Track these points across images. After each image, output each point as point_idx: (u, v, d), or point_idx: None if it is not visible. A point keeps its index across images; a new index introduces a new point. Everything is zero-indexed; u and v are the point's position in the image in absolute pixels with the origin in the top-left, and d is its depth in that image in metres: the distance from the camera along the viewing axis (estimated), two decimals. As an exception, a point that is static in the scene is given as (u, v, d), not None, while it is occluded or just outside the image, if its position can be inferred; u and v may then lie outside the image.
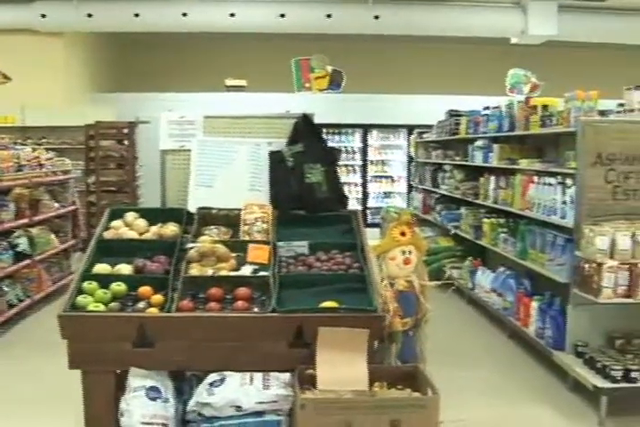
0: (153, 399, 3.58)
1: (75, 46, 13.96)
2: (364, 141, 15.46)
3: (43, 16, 12.34)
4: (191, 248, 4.15)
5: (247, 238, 4.36)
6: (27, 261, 8.05)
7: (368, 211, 15.19)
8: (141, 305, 3.78)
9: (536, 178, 6.67)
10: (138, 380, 3.65)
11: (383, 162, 15.79)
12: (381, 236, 4.21)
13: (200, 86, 13.99)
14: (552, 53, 14.81)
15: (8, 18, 12.45)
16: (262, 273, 4.02)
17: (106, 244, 4.33)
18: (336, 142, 15.00)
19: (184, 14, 12.43)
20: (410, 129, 14.29)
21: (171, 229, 4.45)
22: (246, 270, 4.07)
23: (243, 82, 14.11)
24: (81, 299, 3.79)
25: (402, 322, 3.98)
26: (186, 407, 3.62)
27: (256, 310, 3.74)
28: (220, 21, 12.66)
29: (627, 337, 5.62)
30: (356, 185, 15.46)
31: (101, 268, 4.06)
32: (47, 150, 10.01)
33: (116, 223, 4.52)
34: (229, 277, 4.00)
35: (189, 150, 4.95)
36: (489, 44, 14.83)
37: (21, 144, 10.80)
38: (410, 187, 14.29)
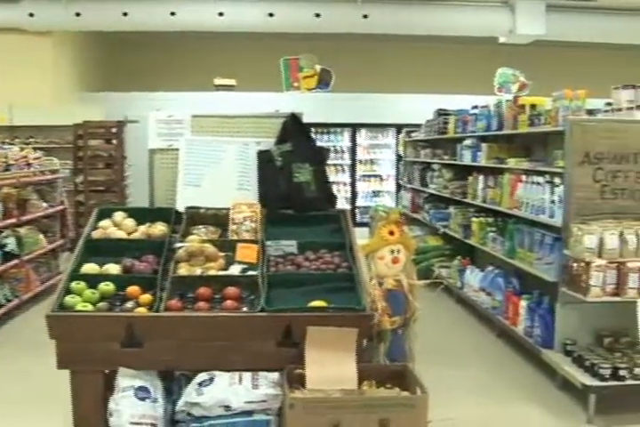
0: (142, 399, 3.58)
1: (63, 45, 13.91)
2: (353, 141, 15.47)
3: (31, 15, 12.28)
4: (179, 248, 4.14)
5: (236, 238, 4.36)
6: (15, 261, 8.02)
7: (357, 210, 15.23)
8: (130, 305, 3.78)
9: (524, 177, 6.68)
10: (126, 380, 3.65)
11: (372, 161, 15.81)
12: (370, 235, 4.22)
13: (189, 85, 13.97)
14: (540, 53, 14.86)
15: (-4, 17, 12.41)
16: (251, 272, 4.02)
17: (94, 243, 4.32)
18: (325, 142, 15.03)
19: (172, 13, 12.41)
20: (398, 128, 14.28)
21: (159, 228, 4.45)
22: (235, 270, 4.07)
23: (231, 81, 14.10)
24: (69, 299, 3.79)
25: (390, 321, 3.99)
26: (175, 407, 3.62)
27: (245, 310, 3.74)
28: (209, 20, 12.64)
29: (615, 335, 5.64)
30: (345, 184, 15.48)
31: (89, 268, 4.06)
32: (35, 150, 9.96)
33: (105, 223, 4.51)
34: (218, 276, 4.00)
35: (178, 150, 4.94)
36: (477, 44, 14.86)
37: (9, 143, 10.81)
38: (398, 186, 14.29)
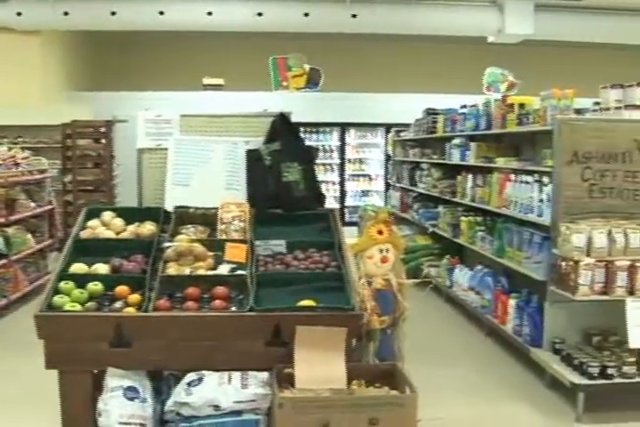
0: (131, 399, 3.57)
1: (51, 45, 13.86)
2: (342, 140, 15.45)
3: (18, 14, 12.21)
4: (168, 247, 4.13)
5: (224, 237, 4.36)
6: (3, 260, 8.00)
7: (346, 209, 15.22)
8: (118, 305, 3.77)
9: (513, 176, 6.69)
10: (115, 380, 3.64)
11: (361, 160, 15.81)
12: (359, 234, 4.22)
13: (177, 85, 13.93)
14: (529, 52, 14.87)
15: (-17, 16, 12.35)
16: (240, 272, 4.01)
17: (82, 243, 4.31)
18: (314, 141, 15.01)
19: (161, 13, 12.36)
20: (387, 127, 14.29)
21: (148, 228, 4.44)
22: (224, 269, 4.06)
23: (220, 80, 14.06)
24: (57, 299, 3.77)
25: (379, 320, 3.99)
26: (164, 407, 3.61)
27: (234, 309, 3.74)
28: (198, 20, 12.60)
29: (603, 334, 5.66)
30: (334, 183, 15.46)
31: (78, 267, 4.04)
32: (23, 149, 9.94)
33: (93, 223, 4.50)
34: (207, 276, 3.99)
35: (166, 149, 4.94)
36: (466, 43, 14.86)
37: (-3, 143, 10.75)
38: (387, 185, 14.29)
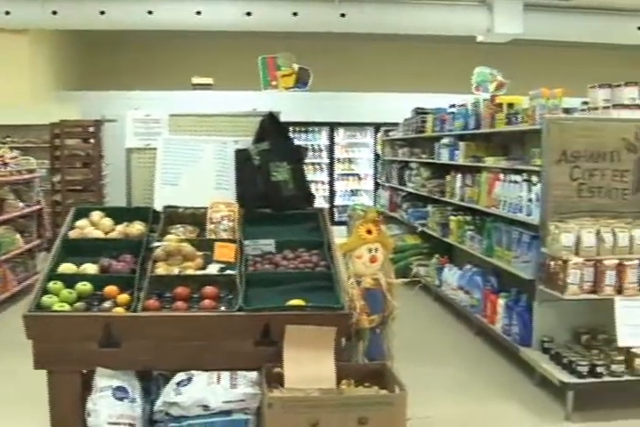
0: (120, 399, 3.57)
1: (40, 44, 13.80)
2: (331, 139, 15.43)
3: (7, 13, 12.15)
4: (157, 247, 4.13)
5: (213, 237, 4.36)
6: (-9, 261, 7.97)
7: (335, 209, 15.20)
8: (107, 305, 3.77)
9: (502, 175, 6.70)
10: (104, 380, 3.64)
11: (350, 160, 15.79)
12: (348, 234, 4.23)
13: (167, 84, 13.89)
14: (517, 52, 14.90)
15: (-29, 15, 12.29)
16: (229, 272, 4.02)
17: (71, 243, 4.30)
18: (303, 140, 14.96)
19: (150, 12, 12.33)
20: (376, 127, 14.29)
21: (136, 228, 4.44)
22: (213, 269, 4.06)
23: (209, 80, 14.04)
24: (46, 299, 3.77)
25: (369, 320, 4.00)
26: (153, 407, 3.61)
27: (223, 309, 3.74)
28: (187, 19, 12.58)
29: (592, 333, 5.67)
30: (323, 183, 15.44)
31: (66, 267, 4.04)
32: (12, 149, 9.89)
33: (82, 223, 4.49)
34: (196, 275, 3.99)
35: (155, 149, 4.93)
36: (455, 43, 14.87)
37: (-14, 143, 10.71)
38: (376, 185, 14.29)
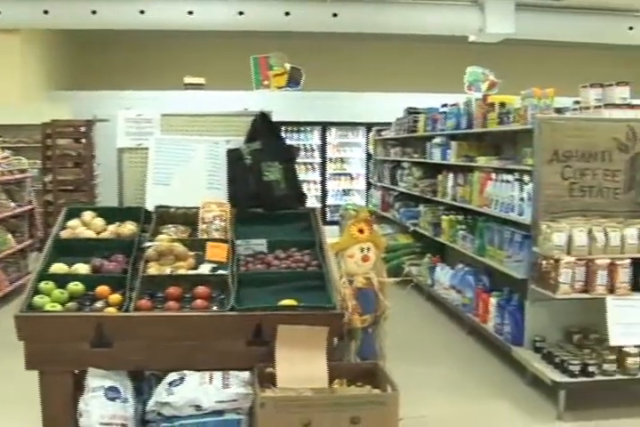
0: (112, 400, 3.57)
1: (31, 43, 13.77)
2: (323, 139, 15.44)
3: (-2, 12, 12.17)
4: (149, 247, 4.13)
5: (205, 237, 4.36)
6: (-17, 261, 7.96)
7: (327, 208, 15.22)
8: (99, 305, 3.76)
9: (494, 175, 6.71)
10: (96, 380, 3.63)
11: (342, 160, 15.80)
12: (340, 233, 4.23)
13: (158, 84, 13.87)
14: (509, 51, 14.93)
15: (-38, 14, 12.25)
16: (221, 271, 4.02)
17: (63, 243, 4.30)
18: (295, 140, 14.99)
19: (142, 12, 12.31)
20: (368, 127, 14.27)
21: (128, 227, 4.43)
22: (205, 269, 4.06)
23: (201, 80, 14.03)
24: (38, 299, 3.76)
25: (361, 319, 4.00)
26: (145, 407, 3.61)
27: (215, 309, 3.74)
28: (179, 19, 12.56)
29: (584, 332, 5.68)
30: (315, 183, 15.46)
31: (58, 267, 4.03)
32: (3, 149, 9.88)
33: (73, 223, 4.49)
34: (188, 275, 3.99)
35: (147, 148, 4.93)
36: (447, 42, 14.88)
37: (-23, 143, 10.69)
38: (369, 184, 14.30)
